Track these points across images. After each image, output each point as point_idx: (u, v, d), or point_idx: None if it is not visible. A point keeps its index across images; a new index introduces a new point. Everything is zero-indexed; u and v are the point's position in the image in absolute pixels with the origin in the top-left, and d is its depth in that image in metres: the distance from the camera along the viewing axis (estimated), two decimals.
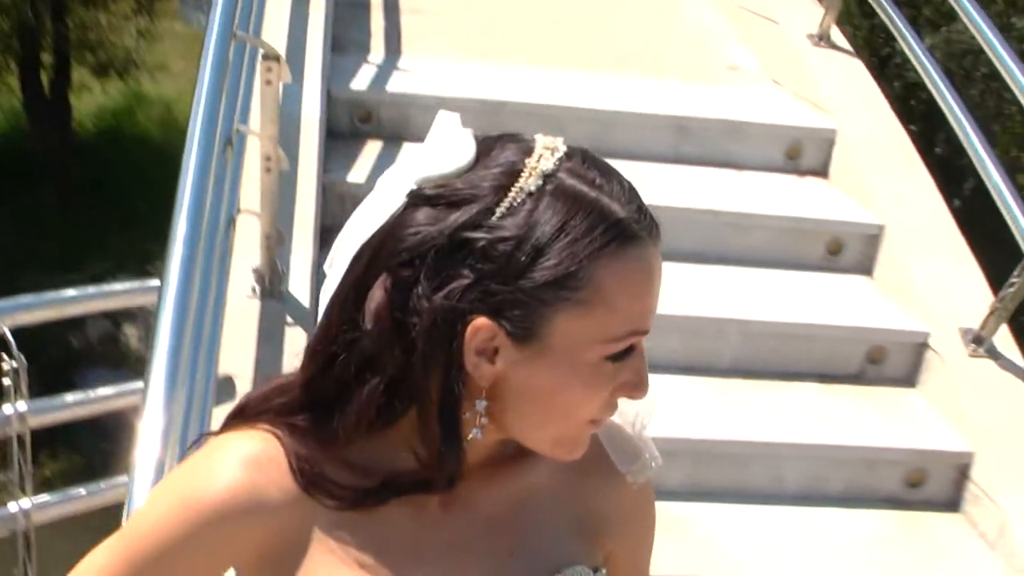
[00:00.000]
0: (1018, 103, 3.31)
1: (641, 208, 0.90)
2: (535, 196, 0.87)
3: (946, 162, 6.65)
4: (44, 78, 10.77)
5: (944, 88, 3.50)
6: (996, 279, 3.21)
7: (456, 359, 0.88)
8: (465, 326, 0.87)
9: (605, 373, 0.90)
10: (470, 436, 0.91)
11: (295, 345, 2.61)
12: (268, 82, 2.32)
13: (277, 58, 2.31)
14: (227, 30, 2.18)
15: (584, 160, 0.91)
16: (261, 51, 2.32)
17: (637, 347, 0.91)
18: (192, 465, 0.97)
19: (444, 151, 0.91)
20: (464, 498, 0.97)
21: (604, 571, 1.03)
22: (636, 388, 0.92)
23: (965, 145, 3.28)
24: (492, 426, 0.92)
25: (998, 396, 2.93)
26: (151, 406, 1.63)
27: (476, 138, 0.91)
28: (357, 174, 3.18)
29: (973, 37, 3.65)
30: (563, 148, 0.91)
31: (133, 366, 8.72)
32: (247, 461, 0.93)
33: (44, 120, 10.52)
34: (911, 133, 3.92)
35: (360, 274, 0.91)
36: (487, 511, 0.99)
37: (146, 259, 10.36)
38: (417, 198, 0.89)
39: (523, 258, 0.86)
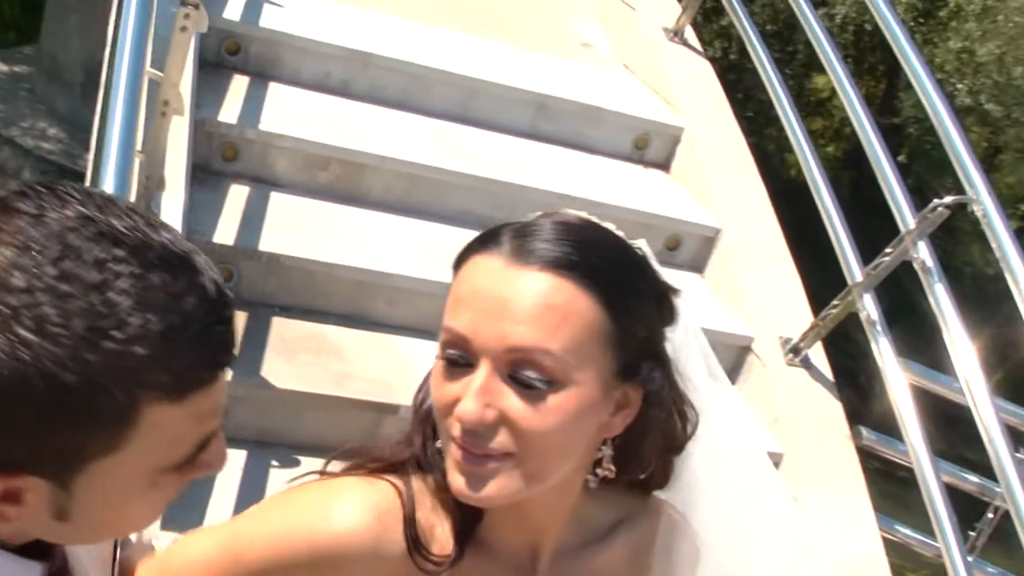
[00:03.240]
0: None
1: None
2: None
3: None
4: None
5: (777, 84, 3.72)
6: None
7: None
8: None
9: None
10: None
11: None
12: (183, 28, 2.24)
13: (196, 5, 2.23)
14: None
15: None
16: None
17: None
18: (316, 500, 1.05)
19: None
20: (559, 572, 1.11)
21: None
22: None
23: (800, 159, 3.52)
24: None
25: (808, 404, 3.20)
26: None
27: None
28: (227, 113, 3.10)
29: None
30: None
31: None
32: (376, 510, 1.03)
33: None
34: None
35: None
36: None
37: None
38: None
39: None
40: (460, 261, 1.03)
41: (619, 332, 1.04)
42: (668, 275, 3.94)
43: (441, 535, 1.04)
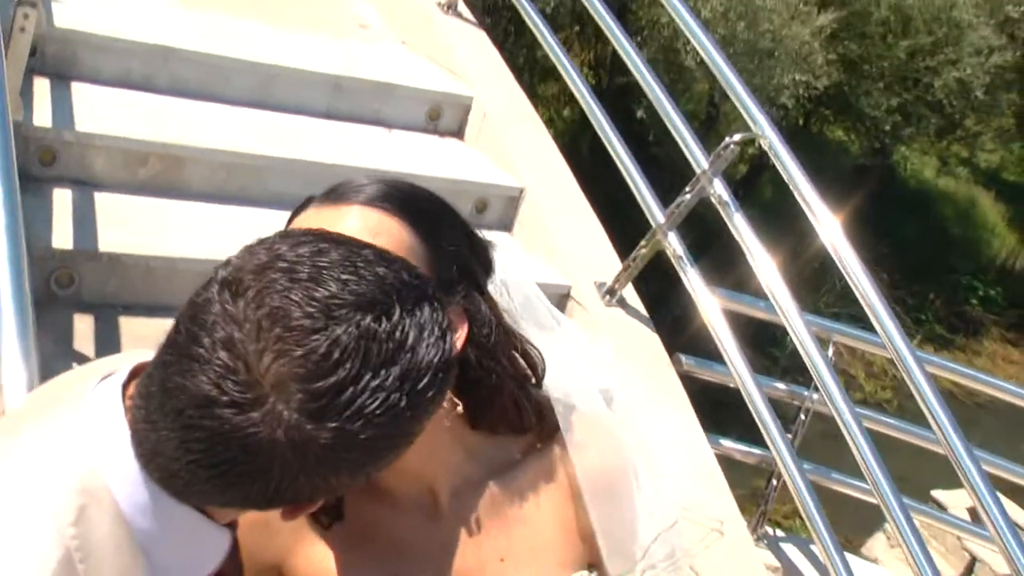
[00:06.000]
0: None
1: None
2: None
3: None
4: None
5: (560, 52, 3.97)
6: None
7: None
8: None
9: None
10: None
11: None
12: (23, 29, 2.22)
13: (34, 4, 2.21)
14: None
15: None
16: None
17: None
18: None
19: None
20: (455, 509, 1.20)
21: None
22: None
23: (593, 122, 3.78)
24: None
25: (629, 340, 3.47)
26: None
27: None
28: (40, 116, 3.03)
29: None
30: None
31: None
32: None
33: None
34: None
35: None
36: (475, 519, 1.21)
37: None
38: None
39: None
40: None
41: (431, 250, 1.12)
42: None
43: None
